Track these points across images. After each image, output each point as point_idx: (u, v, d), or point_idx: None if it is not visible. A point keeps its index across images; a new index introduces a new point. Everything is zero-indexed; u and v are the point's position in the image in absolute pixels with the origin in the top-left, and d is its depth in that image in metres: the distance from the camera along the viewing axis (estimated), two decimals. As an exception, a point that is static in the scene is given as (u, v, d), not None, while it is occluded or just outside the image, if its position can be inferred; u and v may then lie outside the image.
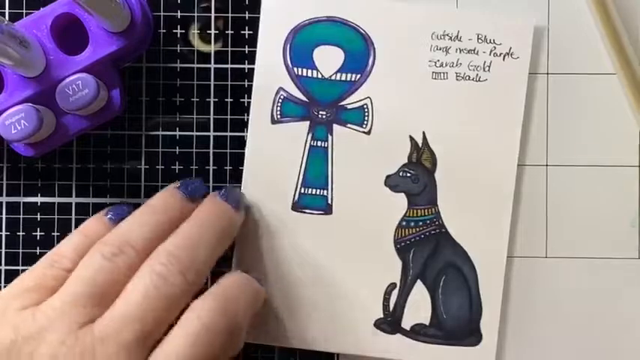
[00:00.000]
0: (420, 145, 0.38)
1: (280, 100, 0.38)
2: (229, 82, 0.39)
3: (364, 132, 0.38)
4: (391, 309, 0.38)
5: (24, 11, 0.39)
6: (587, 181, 0.39)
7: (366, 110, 0.38)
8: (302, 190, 0.38)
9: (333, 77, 0.38)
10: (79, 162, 0.39)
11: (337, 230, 0.38)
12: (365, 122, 0.38)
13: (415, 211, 0.38)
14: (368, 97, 0.38)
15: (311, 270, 0.38)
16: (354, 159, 0.38)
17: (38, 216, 0.39)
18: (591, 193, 0.38)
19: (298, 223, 0.38)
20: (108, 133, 0.39)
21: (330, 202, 0.38)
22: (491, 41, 0.38)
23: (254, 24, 0.39)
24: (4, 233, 0.39)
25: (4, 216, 0.39)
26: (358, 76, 0.38)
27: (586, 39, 0.39)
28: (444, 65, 0.38)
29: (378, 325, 0.38)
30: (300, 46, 0.38)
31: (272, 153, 0.38)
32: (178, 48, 0.39)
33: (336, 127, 0.38)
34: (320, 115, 0.38)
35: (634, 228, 0.38)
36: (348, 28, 0.38)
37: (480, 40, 0.38)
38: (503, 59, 0.38)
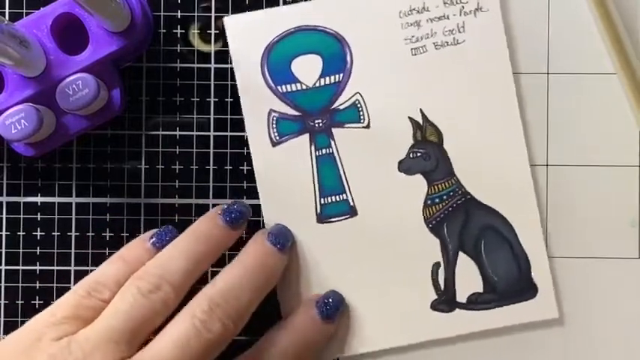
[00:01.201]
0: (421, 122, 0.38)
1: (274, 122, 0.38)
2: (229, 82, 0.39)
3: (364, 127, 0.38)
4: (442, 287, 0.38)
5: (24, 11, 0.39)
6: (587, 181, 0.39)
7: (359, 106, 0.38)
8: (322, 201, 0.38)
9: (317, 84, 0.38)
10: (79, 162, 0.39)
11: (367, 229, 0.38)
12: (362, 117, 0.38)
13: (436, 187, 0.38)
14: (357, 93, 0.38)
15: (352, 274, 0.38)
16: (361, 156, 0.38)
17: (38, 216, 0.39)
18: (591, 193, 0.38)
19: (328, 233, 0.38)
20: (108, 133, 0.39)
21: (352, 204, 0.38)
22: (458, 2, 0.38)
23: (254, 24, 0.39)
24: (4, 233, 0.39)
25: (4, 216, 0.39)
26: (341, 75, 0.38)
27: (586, 39, 0.39)
28: (420, 39, 0.38)
29: (435, 306, 0.38)
30: (277, 63, 0.38)
31: (281, 174, 0.38)
32: (178, 48, 0.39)
33: (335, 130, 0.38)
34: (316, 124, 0.38)
35: (634, 228, 0.38)
36: (319, 33, 0.38)
37: (446, 4, 0.38)
38: (475, 15, 0.38)
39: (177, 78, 0.39)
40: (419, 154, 0.38)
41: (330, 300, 0.37)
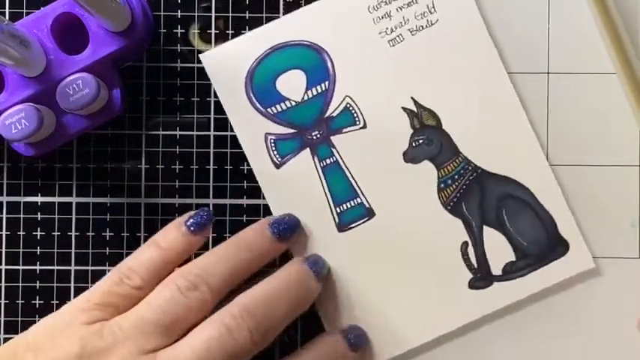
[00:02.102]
0: (416, 110, 0.38)
1: (273, 144, 0.38)
2: (229, 82, 0.39)
3: (361, 128, 0.38)
4: (476, 265, 0.38)
5: (24, 11, 0.39)
6: (587, 181, 0.38)
7: (351, 109, 0.38)
8: (338, 210, 0.38)
9: (305, 97, 0.38)
10: (79, 162, 0.39)
11: (388, 227, 0.38)
12: (357, 119, 0.38)
13: (445, 170, 0.38)
14: (346, 97, 0.38)
15: (384, 275, 0.38)
16: (366, 156, 0.38)
17: (38, 216, 0.39)
18: (591, 193, 0.38)
19: (351, 240, 0.38)
20: (108, 132, 0.39)
21: (368, 206, 0.38)
22: None
23: (254, 24, 0.39)
24: (4, 233, 0.39)
25: (4, 216, 0.39)
26: (326, 83, 0.38)
27: (586, 39, 0.39)
28: (395, 29, 0.38)
29: (473, 285, 0.38)
30: (262, 87, 0.38)
31: (291, 193, 0.38)
32: (178, 48, 0.39)
33: (334, 138, 0.38)
34: (314, 136, 0.38)
35: (634, 228, 0.38)
36: (295, 48, 0.38)
37: None
38: None
39: (178, 78, 0.39)
40: (421, 142, 0.38)
41: (357, 331, 0.37)
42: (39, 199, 0.39)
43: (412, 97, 0.38)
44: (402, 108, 0.38)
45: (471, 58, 0.38)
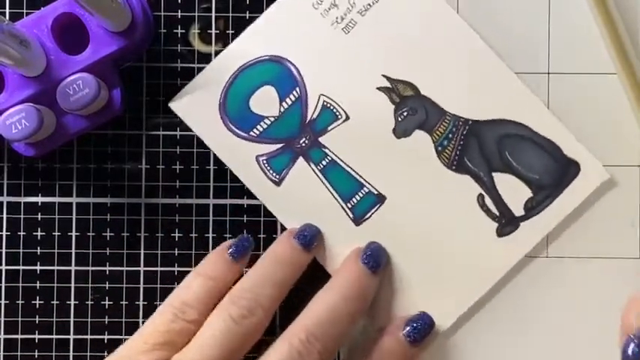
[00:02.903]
0: (390, 85, 0.38)
1: (266, 165, 0.38)
2: (230, 82, 0.39)
3: (344, 121, 0.38)
4: (497, 213, 0.38)
5: (24, 11, 0.39)
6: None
7: (329, 105, 0.38)
8: (349, 205, 0.38)
9: (282, 110, 0.38)
10: (79, 162, 0.39)
11: (402, 205, 0.38)
12: (338, 114, 0.38)
13: (437, 132, 0.38)
14: (321, 95, 0.38)
15: (413, 252, 0.38)
16: (358, 146, 0.38)
17: (39, 216, 0.39)
18: (591, 193, 0.38)
19: (371, 229, 0.38)
20: (108, 133, 0.39)
21: (376, 192, 0.38)
22: None
23: (254, 24, 0.39)
24: (4, 233, 0.39)
25: (4, 216, 0.39)
26: (297, 89, 0.38)
27: (586, 39, 0.39)
28: (344, 16, 0.38)
29: (501, 232, 0.38)
30: (237, 113, 0.38)
31: (298, 205, 0.38)
32: (178, 48, 0.39)
33: (322, 139, 0.38)
34: (303, 144, 0.38)
35: (634, 228, 0.38)
36: (256, 67, 0.38)
37: None
38: None
39: (178, 78, 0.39)
40: (405, 113, 0.38)
41: (420, 323, 0.37)
42: (39, 199, 0.39)
43: (383, 75, 0.38)
44: (377, 88, 0.38)
45: (428, 16, 0.38)
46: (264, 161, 0.38)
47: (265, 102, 0.38)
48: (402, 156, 0.38)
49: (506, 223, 0.38)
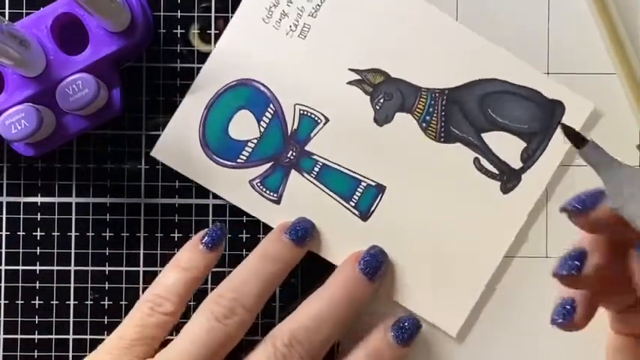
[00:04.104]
0: (359, 77, 0.38)
1: (261, 187, 0.38)
2: (229, 82, 0.39)
3: (325, 124, 0.38)
4: (497, 171, 0.38)
5: (24, 11, 0.39)
6: (587, 181, 0.38)
7: (305, 113, 0.38)
8: (352, 204, 0.38)
9: (262, 129, 0.38)
10: (79, 162, 0.39)
11: (402, 190, 0.38)
12: (317, 119, 0.38)
13: (417, 110, 0.38)
14: (296, 105, 0.38)
15: (426, 234, 0.38)
16: (345, 145, 0.38)
17: (38, 216, 0.39)
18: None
19: (379, 221, 0.38)
20: (108, 133, 0.39)
21: (375, 183, 0.38)
22: None
23: (254, 24, 0.39)
24: (4, 233, 0.39)
25: (4, 216, 0.39)
26: (271, 105, 0.38)
27: (586, 39, 0.39)
28: (297, 23, 0.38)
29: (506, 189, 0.38)
30: (219, 145, 0.38)
31: (301, 214, 0.38)
32: (178, 48, 0.39)
33: (308, 147, 0.38)
34: (291, 157, 0.38)
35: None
36: (225, 94, 0.38)
37: None
38: None
39: (177, 78, 0.39)
40: (382, 100, 0.38)
41: (406, 324, 0.36)
42: (39, 199, 0.39)
43: (350, 69, 0.38)
44: (348, 83, 0.38)
45: (379, 1, 0.38)
46: (259, 184, 0.38)
47: (244, 126, 0.38)
48: (390, 142, 0.38)
49: (508, 178, 0.38)
